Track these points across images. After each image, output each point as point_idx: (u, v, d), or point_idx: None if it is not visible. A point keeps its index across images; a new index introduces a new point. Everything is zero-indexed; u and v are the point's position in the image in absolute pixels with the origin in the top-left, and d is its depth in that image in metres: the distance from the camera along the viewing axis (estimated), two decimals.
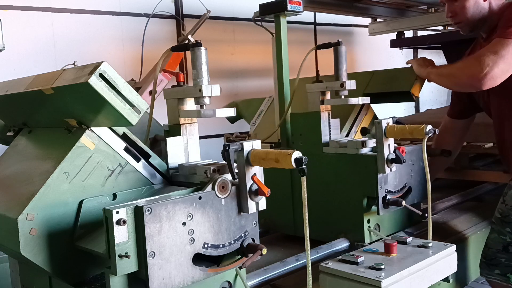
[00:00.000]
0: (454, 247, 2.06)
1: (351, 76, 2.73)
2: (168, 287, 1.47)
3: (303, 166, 1.51)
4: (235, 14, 5.76)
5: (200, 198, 1.54)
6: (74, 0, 4.66)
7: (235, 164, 1.62)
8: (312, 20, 6.78)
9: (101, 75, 1.51)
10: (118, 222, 1.40)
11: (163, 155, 1.85)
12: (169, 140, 1.82)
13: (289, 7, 2.85)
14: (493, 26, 2.43)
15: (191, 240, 1.52)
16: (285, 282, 2.21)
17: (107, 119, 1.64)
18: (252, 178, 1.62)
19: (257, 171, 1.64)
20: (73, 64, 2.71)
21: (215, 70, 4.84)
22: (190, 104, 1.86)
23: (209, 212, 1.57)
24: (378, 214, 2.42)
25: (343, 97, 2.64)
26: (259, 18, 3.06)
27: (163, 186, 1.82)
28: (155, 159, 1.79)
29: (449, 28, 5.33)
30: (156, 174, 1.80)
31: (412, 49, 7.79)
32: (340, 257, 1.96)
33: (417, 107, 7.86)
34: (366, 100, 2.76)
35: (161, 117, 2.17)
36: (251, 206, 1.64)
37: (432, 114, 4.61)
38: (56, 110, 1.75)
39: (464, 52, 2.74)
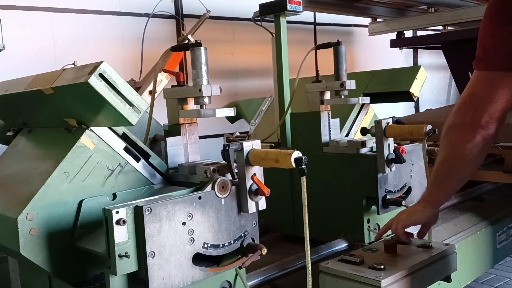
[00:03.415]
0: (454, 247, 2.06)
1: (351, 76, 2.73)
2: (168, 287, 1.47)
3: (303, 166, 1.51)
4: (235, 14, 5.76)
5: (200, 198, 1.54)
6: (74, 0, 4.65)
7: (235, 164, 1.62)
8: (312, 20, 6.78)
9: (101, 75, 1.51)
10: (118, 222, 1.40)
11: (163, 155, 1.85)
12: (169, 140, 1.82)
13: (289, 7, 2.85)
14: None
15: (191, 240, 1.52)
16: (285, 282, 2.22)
17: (107, 119, 1.64)
18: (252, 178, 1.62)
19: (257, 171, 1.64)
20: (73, 64, 2.70)
21: (215, 70, 4.84)
22: (190, 104, 1.86)
23: (209, 212, 1.57)
24: (378, 214, 2.42)
25: (343, 97, 2.64)
26: (259, 18, 3.07)
27: (163, 186, 1.81)
28: (155, 159, 1.79)
29: (449, 28, 5.33)
30: (156, 174, 1.80)
31: (412, 49, 7.80)
32: (340, 257, 1.96)
33: (417, 107, 7.86)
34: (366, 100, 2.76)
35: (161, 117, 2.16)
36: (251, 206, 1.64)
37: (432, 114, 4.62)
38: (56, 110, 1.75)
39: (463, 52, 2.73)
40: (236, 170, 1.63)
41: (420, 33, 6.40)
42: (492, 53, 1.49)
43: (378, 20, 5.29)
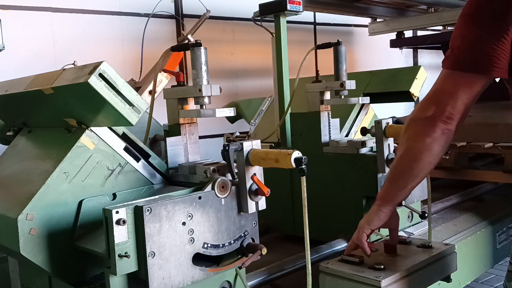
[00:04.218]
0: (454, 247, 2.06)
1: (351, 76, 2.74)
2: (168, 287, 1.47)
3: (303, 166, 1.51)
4: (235, 14, 5.76)
5: (200, 198, 1.54)
6: (74, 0, 4.66)
7: (235, 164, 1.62)
8: (312, 20, 6.77)
9: (100, 75, 1.51)
10: (118, 222, 1.40)
11: (163, 155, 1.85)
12: (169, 140, 1.82)
13: (289, 7, 2.85)
14: None
15: (191, 240, 1.52)
16: (285, 282, 2.21)
17: (107, 119, 1.64)
18: (252, 178, 1.62)
19: (257, 171, 1.64)
20: (73, 64, 2.70)
21: (215, 70, 4.84)
22: (190, 104, 1.86)
23: (209, 212, 1.57)
24: None
25: (343, 97, 2.64)
26: (259, 18, 3.07)
27: (163, 186, 1.81)
28: (154, 159, 1.79)
29: (449, 28, 5.33)
30: (156, 174, 1.80)
31: (412, 49, 7.80)
32: (340, 257, 1.96)
33: None
34: (366, 100, 2.76)
35: (161, 117, 2.16)
36: (251, 206, 1.64)
37: None
38: (56, 110, 1.75)
39: None
40: (236, 170, 1.63)
41: (420, 33, 6.40)
42: (458, 54, 1.52)
43: (378, 20, 5.28)
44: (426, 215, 2.41)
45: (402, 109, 7.43)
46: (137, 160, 1.75)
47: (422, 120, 1.59)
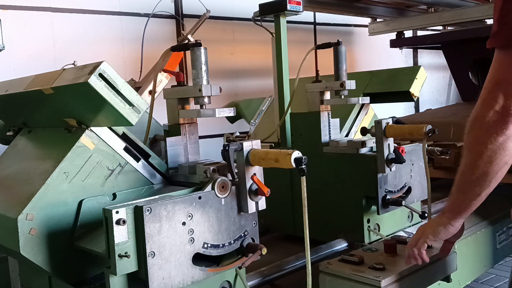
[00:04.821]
0: (454, 247, 2.06)
1: (351, 76, 2.74)
2: (168, 287, 1.47)
3: (303, 166, 1.51)
4: (235, 14, 5.76)
5: (200, 198, 1.54)
6: (74, 0, 4.66)
7: (235, 164, 1.62)
8: (312, 20, 6.77)
9: (100, 75, 1.51)
10: (118, 222, 1.40)
11: (163, 155, 1.85)
12: (169, 140, 1.82)
13: (289, 7, 2.85)
14: None
15: (191, 240, 1.52)
16: (285, 282, 2.21)
17: (107, 119, 1.64)
18: (252, 178, 1.62)
19: (257, 171, 1.64)
20: (73, 64, 2.70)
21: (215, 70, 4.84)
22: (190, 104, 1.87)
23: (209, 212, 1.57)
24: (378, 214, 2.42)
25: (343, 97, 2.64)
26: (259, 18, 3.07)
27: (163, 186, 1.82)
28: (154, 159, 1.79)
29: (448, 28, 5.33)
30: (156, 174, 1.80)
31: (412, 49, 7.80)
32: (340, 257, 1.96)
33: (417, 107, 7.86)
34: (366, 100, 2.76)
35: (161, 117, 2.17)
36: (251, 206, 1.64)
37: (432, 114, 4.61)
38: (56, 110, 1.75)
39: (463, 52, 2.71)
40: (236, 170, 1.63)
41: (420, 33, 6.40)
42: (510, 28, 1.32)
43: (378, 20, 5.29)
44: (426, 215, 2.41)
45: (402, 109, 7.43)
46: (137, 160, 1.75)
47: (489, 117, 1.37)
